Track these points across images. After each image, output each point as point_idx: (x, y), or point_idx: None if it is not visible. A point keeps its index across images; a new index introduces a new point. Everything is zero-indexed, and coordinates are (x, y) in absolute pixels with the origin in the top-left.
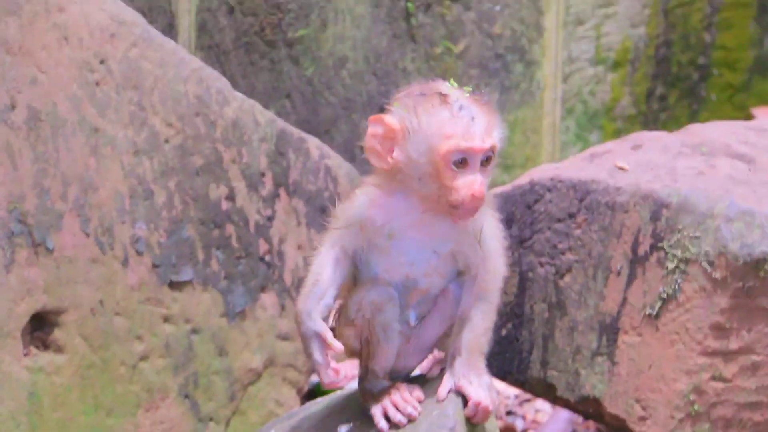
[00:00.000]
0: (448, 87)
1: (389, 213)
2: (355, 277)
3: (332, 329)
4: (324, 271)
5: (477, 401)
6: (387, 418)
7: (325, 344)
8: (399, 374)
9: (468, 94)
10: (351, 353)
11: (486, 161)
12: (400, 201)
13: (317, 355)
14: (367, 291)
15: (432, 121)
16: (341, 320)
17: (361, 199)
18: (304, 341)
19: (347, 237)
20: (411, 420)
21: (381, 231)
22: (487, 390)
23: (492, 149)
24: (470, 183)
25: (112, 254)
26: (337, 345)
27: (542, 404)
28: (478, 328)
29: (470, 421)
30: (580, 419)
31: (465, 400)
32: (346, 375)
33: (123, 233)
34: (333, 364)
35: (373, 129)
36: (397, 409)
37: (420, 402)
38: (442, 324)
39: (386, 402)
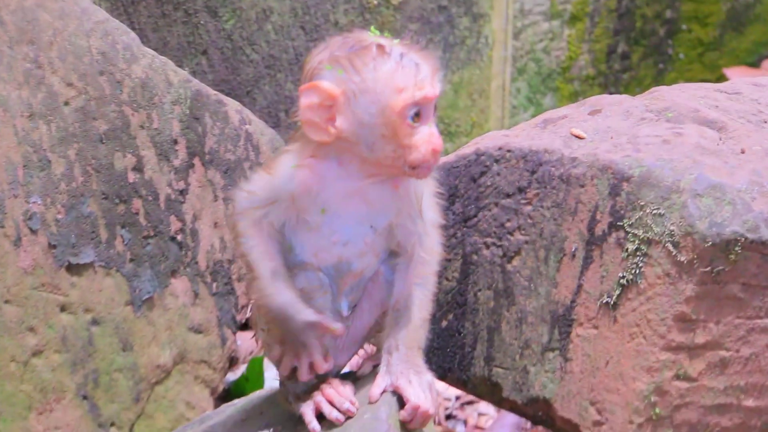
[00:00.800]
0: (374, 37)
1: (322, 183)
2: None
3: (248, 321)
4: (270, 256)
5: (416, 405)
6: (319, 418)
7: (326, 330)
8: (328, 374)
9: (397, 40)
10: (272, 349)
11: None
12: (334, 169)
13: (316, 348)
14: (295, 277)
15: (378, 76)
16: (258, 316)
17: (287, 170)
18: (299, 334)
19: (273, 213)
20: (348, 417)
21: (313, 205)
22: (427, 391)
23: (435, 100)
24: (429, 136)
25: (2, 232)
26: (339, 326)
27: (486, 407)
28: (416, 320)
29: (406, 426)
30: (528, 424)
31: (401, 402)
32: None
33: (15, 208)
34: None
35: (308, 99)
36: (332, 405)
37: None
38: (373, 312)
39: (318, 398)
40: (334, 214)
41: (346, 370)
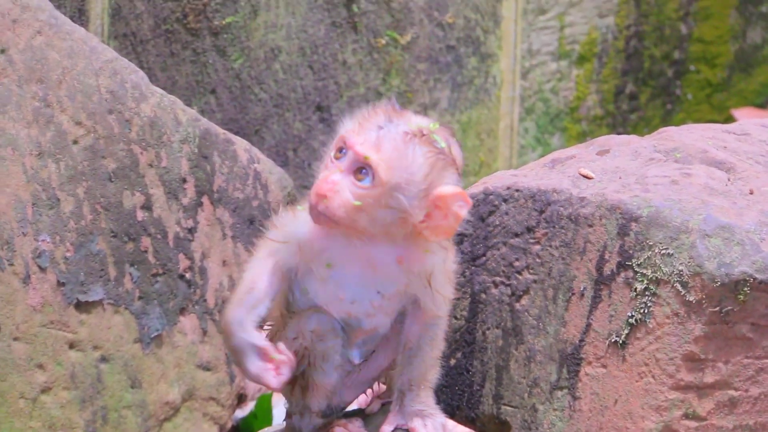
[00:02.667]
0: (422, 120)
1: (329, 240)
2: (288, 302)
3: None
4: (260, 280)
5: None
6: None
7: (265, 356)
8: (333, 410)
9: (418, 128)
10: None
11: (359, 174)
12: (343, 232)
13: (252, 367)
14: (307, 317)
15: (358, 114)
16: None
17: (302, 218)
18: (237, 354)
19: (283, 253)
20: None
21: (319, 257)
22: None
23: (366, 161)
24: (324, 176)
25: (11, 270)
26: (283, 355)
27: None
28: (428, 358)
29: None
30: None
31: None
32: (290, 367)
33: (24, 246)
34: (271, 366)
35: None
36: None
37: None
38: (388, 356)
39: None
40: (340, 272)
41: (354, 407)
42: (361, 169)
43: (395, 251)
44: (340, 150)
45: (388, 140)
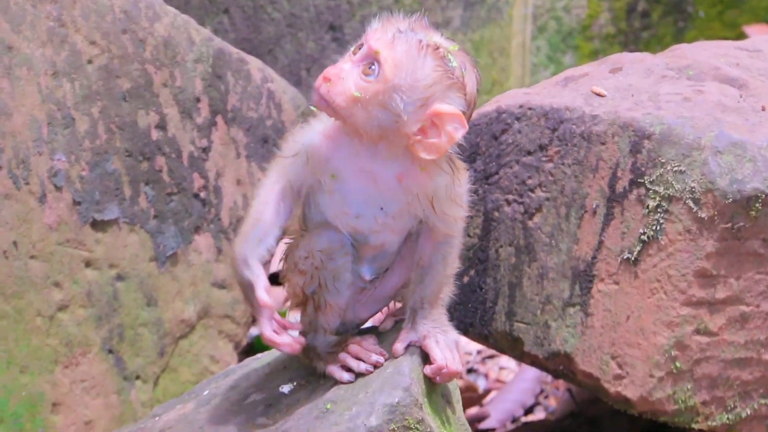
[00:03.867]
0: (444, 39)
1: (335, 149)
2: (304, 220)
3: (276, 275)
4: (266, 209)
5: (442, 365)
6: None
7: (256, 297)
8: (347, 327)
9: (434, 42)
10: (296, 303)
11: (368, 69)
12: (349, 142)
13: (267, 329)
14: (317, 236)
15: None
16: (288, 264)
17: (312, 127)
18: (244, 290)
19: (293, 169)
20: (377, 367)
21: (324, 167)
22: (454, 350)
23: (376, 56)
24: (335, 64)
25: (27, 189)
26: (267, 300)
27: (507, 361)
28: (440, 277)
29: (430, 380)
30: (549, 378)
31: (424, 355)
32: (299, 343)
33: (40, 165)
34: (284, 337)
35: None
36: (358, 359)
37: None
38: (401, 276)
39: (343, 355)
40: (344, 185)
41: (368, 324)
42: (371, 64)
43: (396, 167)
44: (360, 46)
45: (402, 42)
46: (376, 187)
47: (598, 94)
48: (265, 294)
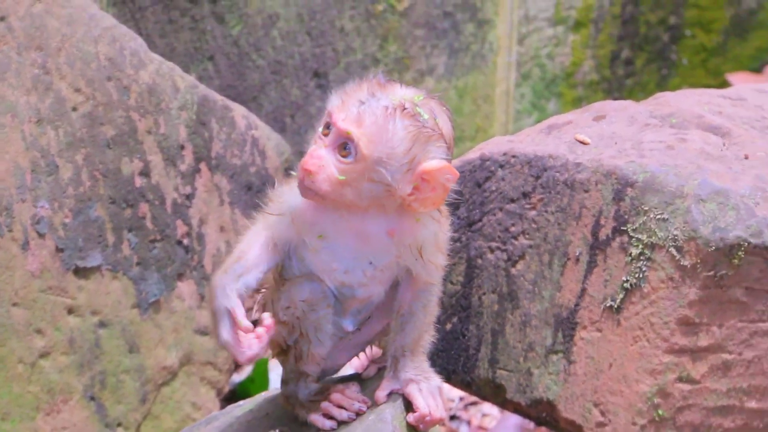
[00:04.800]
0: (409, 91)
1: (321, 212)
2: (281, 272)
3: (254, 323)
4: (251, 250)
5: (424, 413)
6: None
7: (234, 322)
8: (327, 374)
9: (403, 102)
10: (277, 353)
11: (343, 151)
12: (333, 204)
13: (225, 334)
14: (299, 286)
15: (345, 88)
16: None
17: (295, 188)
18: (214, 318)
19: (278, 227)
20: (359, 414)
21: (311, 229)
22: (437, 397)
23: (348, 136)
24: (309, 151)
25: (10, 236)
26: (246, 324)
27: (490, 408)
28: (420, 324)
29: (414, 429)
30: (531, 425)
31: (407, 403)
32: (259, 345)
33: (23, 213)
34: (242, 337)
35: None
36: (341, 407)
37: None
38: (381, 322)
39: (325, 404)
40: (333, 243)
41: (350, 371)
42: (345, 144)
43: (386, 223)
44: (327, 126)
45: (368, 115)
46: (365, 244)
47: (582, 142)
48: (244, 318)
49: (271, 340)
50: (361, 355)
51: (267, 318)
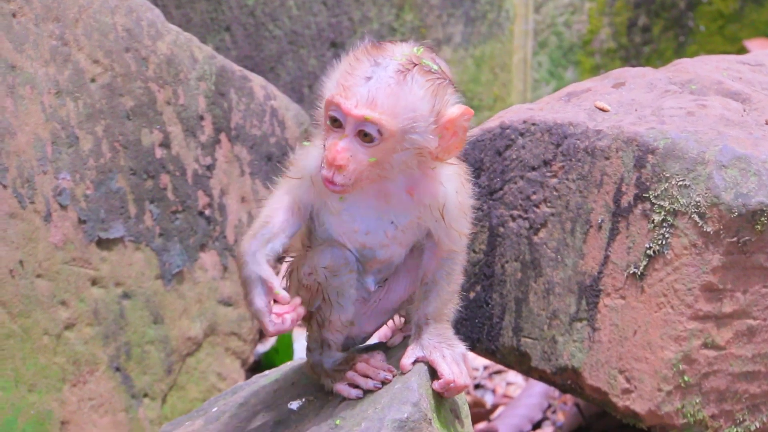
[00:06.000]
0: (407, 49)
1: None
2: (309, 236)
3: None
4: (276, 215)
5: (450, 380)
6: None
7: (270, 291)
8: (354, 342)
9: (408, 61)
10: (302, 320)
11: (365, 137)
12: None
13: (258, 302)
14: (321, 253)
15: (339, 68)
16: (292, 283)
17: (315, 151)
18: (245, 285)
19: (299, 189)
20: (385, 383)
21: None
22: (461, 364)
23: (366, 121)
24: (330, 146)
25: (32, 208)
26: (284, 295)
27: (514, 376)
28: (444, 293)
29: (439, 396)
30: (556, 393)
31: (432, 370)
32: (292, 320)
33: (45, 184)
34: (276, 309)
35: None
36: (366, 377)
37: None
38: (406, 288)
39: (350, 374)
40: (353, 204)
41: (374, 341)
42: (364, 132)
43: (406, 182)
44: (334, 120)
45: (381, 89)
46: (386, 203)
47: (602, 109)
48: (281, 288)
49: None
50: (387, 324)
51: (295, 299)
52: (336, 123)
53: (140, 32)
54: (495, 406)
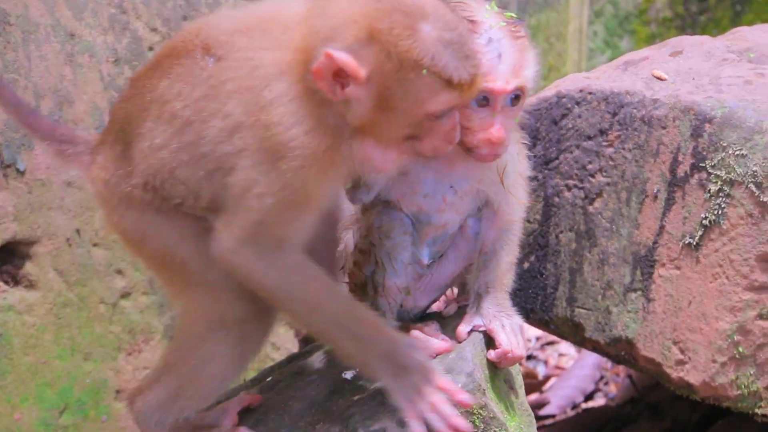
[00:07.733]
0: (484, 11)
1: None
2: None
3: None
4: None
5: (507, 350)
6: None
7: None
8: (408, 315)
9: (504, 23)
10: (356, 286)
11: (515, 99)
12: None
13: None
14: (376, 214)
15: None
16: (347, 247)
17: None
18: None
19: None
20: (443, 352)
21: None
22: (519, 335)
23: (519, 90)
24: (487, 126)
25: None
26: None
27: (567, 348)
28: (503, 263)
29: (493, 366)
30: (608, 364)
31: (487, 340)
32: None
33: None
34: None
35: None
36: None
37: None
38: (458, 263)
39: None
40: (417, 165)
41: (429, 311)
42: (518, 96)
43: None
44: (478, 100)
45: (514, 59)
46: (450, 166)
47: (659, 78)
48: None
49: (349, 273)
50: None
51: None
52: (483, 102)
53: (198, 0)
54: (547, 378)
